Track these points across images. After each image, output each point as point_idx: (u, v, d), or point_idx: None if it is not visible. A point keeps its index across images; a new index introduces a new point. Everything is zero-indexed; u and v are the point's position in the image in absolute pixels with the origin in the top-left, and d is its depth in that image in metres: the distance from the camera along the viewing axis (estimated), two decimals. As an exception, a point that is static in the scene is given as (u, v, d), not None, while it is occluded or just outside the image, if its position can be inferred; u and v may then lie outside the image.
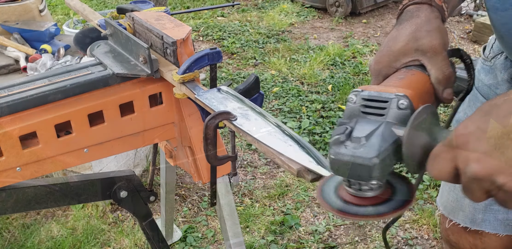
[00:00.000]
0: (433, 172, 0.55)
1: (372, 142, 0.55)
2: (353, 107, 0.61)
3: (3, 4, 2.44)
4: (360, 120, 0.59)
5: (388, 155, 0.55)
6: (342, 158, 0.55)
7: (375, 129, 0.56)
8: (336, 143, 0.56)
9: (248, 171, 2.52)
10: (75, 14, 4.26)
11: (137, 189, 1.19)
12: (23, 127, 0.96)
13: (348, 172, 0.55)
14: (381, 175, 0.55)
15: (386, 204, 0.58)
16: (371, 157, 0.54)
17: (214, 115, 0.81)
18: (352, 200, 0.59)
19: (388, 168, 0.56)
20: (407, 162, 0.56)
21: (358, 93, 0.61)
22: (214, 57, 1.00)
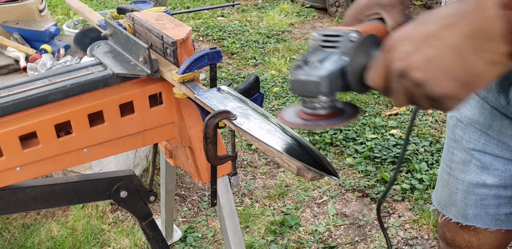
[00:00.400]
0: (369, 79, 0.63)
1: (324, 65, 0.67)
2: (314, 44, 0.72)
3: (3, 4, 2.44)
4: (318, 52, 0.70)
5: (336, 76, 0.66)
6: (299, 78, 0.67)
7: (328, 56, 0.68)
8: (295, 67, 0.68)
9: (248, 171, 2.52)
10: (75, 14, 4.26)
11: (137, 189, 1.19)
12: (23, 127, 0.96)
13: (303, 89, 0.67)
14: (329, 91, 0.67)
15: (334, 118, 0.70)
16: (321, 75, 0.66)
17: (214, 114, 0.81)
18: (308, 118, 0.71)
19: (336, 86, 0.67)
20: (351, 79, 0.67)
21: (320, 31, 0.72)
22: (214, 57, 1.00)
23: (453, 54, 0.54)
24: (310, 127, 0.71)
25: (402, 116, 2.96)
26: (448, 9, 0.55)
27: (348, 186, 2.39)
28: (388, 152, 2.57)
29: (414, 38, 0.56)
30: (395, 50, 0.58)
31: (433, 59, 0.55)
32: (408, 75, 0.56)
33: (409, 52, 0.56)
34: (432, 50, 0.55)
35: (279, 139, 0.76)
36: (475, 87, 0.55)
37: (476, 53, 0.53)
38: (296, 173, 0.71)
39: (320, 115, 0.70)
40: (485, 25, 0.51)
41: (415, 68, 0.56)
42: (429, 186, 2.33)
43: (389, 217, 2.20)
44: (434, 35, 0.55)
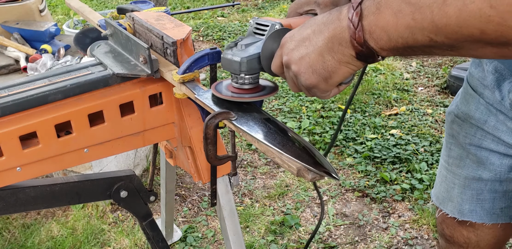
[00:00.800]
0: (272, 66, 0.77)
1: (248, 49, 0.82)
2: (250, 29, 0.86)
3: (3, 4, 2.44)
4: (250, 37, 0.85)
5: (254, 58, 0.81)
6: (226, 57, 0.82)
7: (254, 42, 0.83)
8: (227, 47, 0.83)
9: (248, 171, 2.52)
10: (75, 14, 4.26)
11: (137, 189, 1.19)
12: (23, 127, 0.96)
13: (229, 67, 0.83)
14: (248, 70, 0.82)
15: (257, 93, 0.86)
16: (241, 57, 0.81)
17: (214, 114, 0.81)
18: (235, 91, 0.87)
19: (254, 67, 0.82)
20: (263, 63, 0.81)
21: (255, 20, 0.86)
22: (214, 57, 1.00)
23: (317, 53, 0.67)
24: (235, 99, 0.85)
25: (402, 117, 2.96)
26: (320, 18, 0.68)
27: (348, 186, 2.39)
28: (388, 152, 2.57)
29: (295, 39, 0.70)
30: (284, 46, 0.72)
31: (304, 56, 0.69)
32: (289, 67, 0.72)
33: (291, 49, 0.70)
34: (304, 49, 0.69)
35: (279, 140, 0.76)
36: (332, 81, 0.69)
37: (331, 54, 0.66)
38: (296, 173, 0.71)
39: (245, 89, 0.86)
40: (338, 32, 0.64)
41: (293, 62, 0.70)
42: (429, 186, 2.33)
43: (389, 217, 2.20)
44: (307, 38, 0.68)
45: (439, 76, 3.50)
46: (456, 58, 3.74)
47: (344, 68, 0.67)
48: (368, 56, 0.63)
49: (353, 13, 0.60)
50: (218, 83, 0.91)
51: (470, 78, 1.09)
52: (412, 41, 0.57)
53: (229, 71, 0.84)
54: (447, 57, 3.78)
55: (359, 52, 0.63)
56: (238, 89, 0.86)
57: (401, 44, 0.59)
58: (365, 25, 0.60)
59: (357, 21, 0.60)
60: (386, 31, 0.59)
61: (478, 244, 1.21)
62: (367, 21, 0.60)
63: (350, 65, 0.66)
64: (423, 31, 0.55)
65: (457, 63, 3.65)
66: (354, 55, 0.64)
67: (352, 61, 0.65)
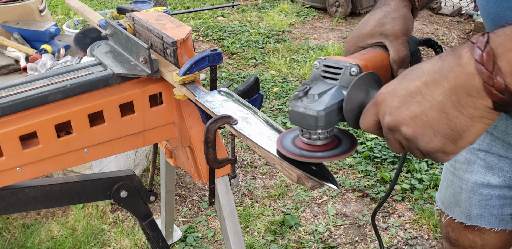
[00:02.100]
0: (362, 124, 0.65)
1: (323, 99, 0.67)
2: (315, 72, 0.73)
3: (3, 4, 2.44)
4: (319, 82, 0.71)
5: (333, 110, 0.67)
6: (297, 110, 0.68)
7: (328, 89, 0.69)
8: (295, 98, 0.69)
9: (248, 171, 2.52)
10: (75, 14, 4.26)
11: (137, 189, 1.19)
12: (23, 127, 0.96)
13: (301, 121, 0.68)
14: (326, 125, 0.67)
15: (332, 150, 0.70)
16: (318, 110, 0.66)
17: (215, 119, 0.81)
18: (305, 147, 0.71)
19: (333, 121, 0.68)
20: (347, 116, 0.68)
21: (321, 61, 0.73)
22: (215, 59, 1.00)
23: (436, 110, 0.55)
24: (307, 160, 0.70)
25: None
26: (429, 66, 0.57)
27: (348, 186, 2.39)
28: (388, 152, 2.57)
29: (399, 94, 0.58)
30: (383, 104, 0.60)
31: (419, 116, 0.56)
32: (397, 129, 0.59)
33: (396, 108, 0.58)
34: (417, 106, 0.57)
35: None
36: (463, 141, 0.56)
37: (459, 109, 0.54)
38: (296, 181, 0.70)
39: (317, 145, 0.71)
40: (465, 81, 0.53)
41: (403, 124, 0.58)
42: (429, 186, 2.33)
43: (389, 217, 2.20)
44: (418, 91, 0.57)
45: (439, 76, 3.49)
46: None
47: (478, 125, 0.54)
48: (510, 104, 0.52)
49: (482, 54, 0.51)
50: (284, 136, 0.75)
51: None
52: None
53: (302, 127, 0.70)
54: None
55: (498, 100, 0.52)
56: (309, 145, 0.71)
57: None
58: (503, 66, 0.50)
59: (492, 63, 0.50)
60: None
61: (483, 248, 1.18)
62: (505, 60, 0.50)
63: (485, 120, 0.54)
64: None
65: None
66: (491, 106, 0.53)
67: (487, 114, 0.54)
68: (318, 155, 0.70)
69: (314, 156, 0.70)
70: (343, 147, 0.70)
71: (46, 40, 2.39)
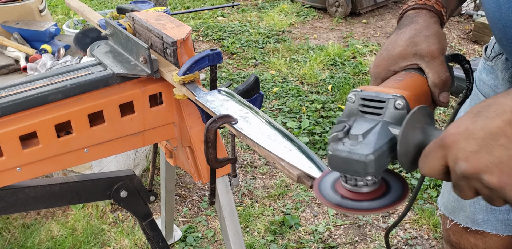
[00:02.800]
0: (425, 169, 0.57)
1: (369, 140, 0.57)
2: (352, 107, 0.63)
3: (3, 4, 2.44)
4: (358, 119, 0.61)
5: (383, 152, 0.57)
6: (339, 154, 0.57)
7: (372, 127, 0.59)
8: (335, 139, 0.58)
9: (248, 171, 2.52)
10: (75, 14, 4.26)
11: (137, 189, 1.19)
12: (23, 127, 0.96)
13: (345, 168, 0.58)
14: (376, 171, 0.57)
15: (380, 199, 0.60)
16: (367, 154, 0.56)
17: (215, 119, 0.81)
18: (348, 195, 0.61)
19: (383, 165, 0.58)
20: (401, 159, 0.59)
21: (357, 93, 0.63)
22: (215, 59, 1.00)
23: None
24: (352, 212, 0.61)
25: (402, 117, 2.96)
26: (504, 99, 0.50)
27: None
28: (388, 152, 2.57)
29: (477, 136, 0.50)
30: (455, 148, 0.52)
31: (506, 162, 0.49)
32: (478, 178, 0.51)
33: (475, 153, 0.50)
34: (502, 150, 0.49)
35: (279, 145, 0.76)
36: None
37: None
38: (296, 180, 0.70)
39: (362, 193, 0.61)
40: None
41: (486, 171, 0.50)
42: (429, 186, 2.33)
43: (389, 217, 2.20)
44: (501, 133, 0.49)
45: (439, 76, 3.49)
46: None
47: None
48: None
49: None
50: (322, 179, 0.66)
51: (481, 85, 1.03)
52: None
53: (346, 173, 0.60)
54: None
55: None
56: (353, 193, 0.61)
57: None
58: None
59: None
60: None
61: None
62: None
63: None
64: None
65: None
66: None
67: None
68: (364, 206, 0.60)
69: (360, 207, 0.60)
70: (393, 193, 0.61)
71: (46, 40, 2.39)
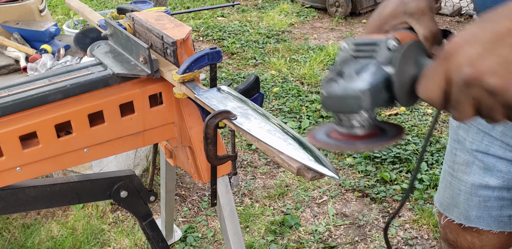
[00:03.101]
0: (423, 92, 0.55)
1: (363, 76, 0.58)
2: (344, 55, 0.64)
3: (3, 4, 2.44)
4: (351, 63, 0.61)
5: (378, 89, 0.57)
6: (335, 93, 0.58)
7: (365, 67, 0.59)
8: (328, 81, 0.59)
9: (248, 171, 2.52)
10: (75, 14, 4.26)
11: (137, 189, 1.19)
12: (23, 127, 0.96)
13: (340, 106, 0.59)
14: (372, 105, 0.57)
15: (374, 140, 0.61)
16: (361, 88, 0.57)
17: (214, 114, 0.81)
18: (342, 138, 0.62)
19: (378, 102, 0.58)
20: (399, 93, 0.59)
21: (350, 40, 0.64)
22: (214, 57, 1.00)
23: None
24: (345, 149, 0.63)
25: (402, 116, 2.96)
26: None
27: (348, 186, 2.39)
28: (388, 152, 2.57)
29: (483, 39, 0.48)
30: (458, 55, 0.50)
31: None
32: (480, 82, 0.49)
33: (479, 55, 0.48)
34: (509, 50, 0.47)
35: (279, 139, 0.76)
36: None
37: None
38: (296, 172, 0.71)
39: (357, 135, 0.61)
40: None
41: (489, 73, 0.48)
42: (429, 186, 2.33)
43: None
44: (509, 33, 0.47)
45: (439, 76, 3.50)
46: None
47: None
48: None
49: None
50: (316, 130, 0.67)
51: None
52: None
53: (342, 112, 0.60)
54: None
55: None
56: (349, 136, 0.62)
57: None
58: None
59: None
60: None
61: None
62: None
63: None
64: None
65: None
66: None
67: None
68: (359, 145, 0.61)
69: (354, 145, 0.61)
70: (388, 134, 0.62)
71: (46, 40, 2.39)
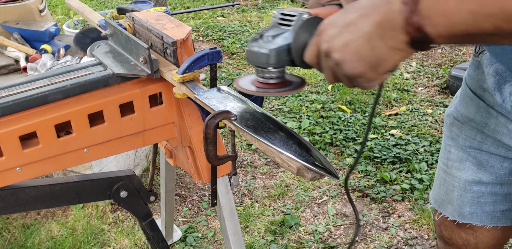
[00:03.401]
0: (306, 56, 0.72)
1: (276, 40, 0.77)
2: (273, 21, 0.81)
3: (3, 4, 2.44)
4: (275, 28, 0.80)
5: (284, 50, 0.76)
6: (253, 49, 0.77)
7: (281, 33, 0.77)
8: (252, 40, 0.79)
9: (248, 171, 2.52)
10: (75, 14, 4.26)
11: (137, 189, 1.19)
12: (23, 127, 0.96)
13: (255, 60, 0.78)
14: (277, 63, 0.77)
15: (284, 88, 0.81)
16: (270, 49, 0.75)
17: (214, 114, 0.81)
18: (260, 86, 0.81)
19: (282, 60, 0.77)
20: (295, 55, 0.76)
21: (279, 10, 0.81)
22: (214, 57, 1.00)
23: (364, 39, 0.62)
24: (260, 94, 0.81)
25: (402, 117, 2.96)
26: (366, 1, 0.63)
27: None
28: (388, 152, 2.57)
29: (338, 24, 0.65)
30: (323, 33, 0.66)
31: (349, 43, 0.63)
32: (330, 55, 0.65)
33: (333, 36, 0.65)
34: (349, 35, 0.63)
35: (279, 139, 0.76)
36: (380, 69, 0.64)
37: (382, 40, 0.61)
38: (296, 173, 0.71)
39: (271, 84, 0.81)
40: (390, 17, 0.59)
41: (335, 50, 0.64)
42: (429, 186, 2.33)
43: (389, 217, 2.20)
44: (353, 22, 0.63)
45: (439, 76, 3.50)
46: (456, 58, 3.74)
47: (395, 56, 0.62)
48: (423, 43, 0.59)
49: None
50: (242, 78, 0.86)
51: (469, 80, 1.08)
52: (474, 28, 0.53)
53: (255, 65, 0.80)
54: (447, 57, 3.79)
55: (413, 38, 0.58)
56: (264, 84, 0.82)
57: (461, 32, 0.55)
58: (422, 9, 0.55)
59: (413, 5, 0.55)
60: (446, 16, 0.54)
61: (477, 246, 1.20)
62: (424, 4, 0.55)
63: (401, 52, 0.61)
64: (490, 18, 0.51)
65: (457, 63, 3.65)
66: (407, 41, 0.59)
67: (404, 48, 0.60)
68: (271, 91, 0.81)
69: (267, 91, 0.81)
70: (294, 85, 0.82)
71: (46, 40, 2.39)
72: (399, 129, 2.82)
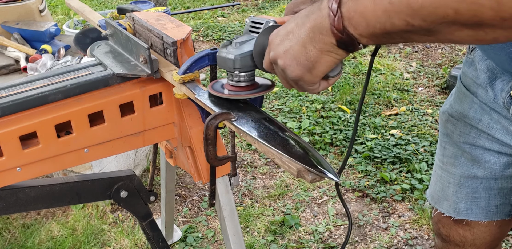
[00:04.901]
0: (264, 64, 0.78)
1: (242, 46, 0.84)
2: (246, 28, 0.89)
3: (3, 4, 2.44)
4: (245, 35, 0.87)
5: (248, 55, 0.83)
6: (221, 55, 0.85)
7: (249, 40, 0.85)
8: (223, 46, 0.86)
9: (248, 171, 2.52)
10: (75, 15, 4.26)
11: (137, 189, 1.19)
12: (23, 127, 0.96)
13: (224, 65, 0.85)
14: (242, 67, 0.84)
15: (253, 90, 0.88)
16: (235, 54, 0.83)
17: (215, 115, 0.81)
18: (231, 89, 0.88)
19: (247, 65, 0.84)
20: (256, 60, 0.83)
21: (250, 18, 0.88)
22: (215, 58, 1.00)
23: (299, 45, 0.68)
24: (232, 96, 0.87)
25: (402, 117, 2.96)
26: (304, 10, 0.69)
27: (348, 186, 2.39)
28: (388, 152, 2.57)
29: (280, 34, 0.71)
30: (271, 43, 0.73)
31: (289, 50, 0.69)
32: (276, 62, 0.72)
33: (277, 45, 0.71)
34: (288, 42, 0.69)
35: (279, 141, 0.76)
36: (316, 71, 0.69)
37: (313, 43, 0.66)
38: (296, 174, 0.71)
39: (241, 87, 0.87)
40: (319, 22, 0.64)
41: (279, 56, 0.71)
42: (429, 186, 2.33)
43: (389, 217, 2.20)
44: (291, 31, 0.69)
45: (439, 76, 3.50)
46: (456, 58, 3.74)
47: (326, 57, 0.67)
48: (349, 44, 0.64)
49: (333, 1, 0.61)
50: (215, 82, 0.92)
51: (463, 77, 1.10)
52: (390, 26, 0.58)
53: (224, 69, 0.86)
54: (447, 57, 3.78)
55: (339, 39, 0.63)
56: (235, 87, 0.88)
57: (380, 30, 0.59)
58: (344, 11, 0.61)
59: (336, 8, 0.61)
60: (364, 17, 0.59)
61: (474, 242, 1.21)
62: (345, 7, 0.60)
63: (332, 54, 0.67)
64: (399, 14, 0.56)
65: (457, 63, 3.65)
66: (335, 43, 0.64)
67: (333, 50, 0.66)
68: (241, 93, 0.87)
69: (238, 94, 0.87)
70: (263, 87, 0.89)
71: (46, 40, 2.39)
72: (399, 129, 2.82)
